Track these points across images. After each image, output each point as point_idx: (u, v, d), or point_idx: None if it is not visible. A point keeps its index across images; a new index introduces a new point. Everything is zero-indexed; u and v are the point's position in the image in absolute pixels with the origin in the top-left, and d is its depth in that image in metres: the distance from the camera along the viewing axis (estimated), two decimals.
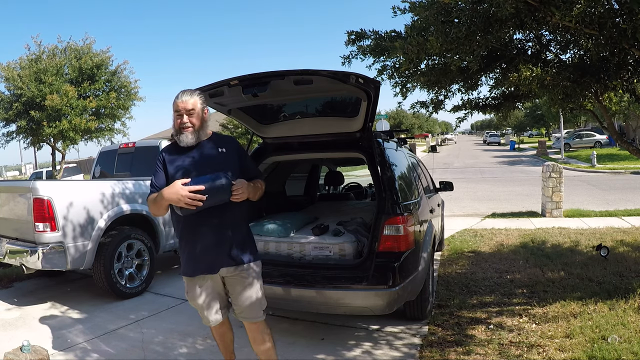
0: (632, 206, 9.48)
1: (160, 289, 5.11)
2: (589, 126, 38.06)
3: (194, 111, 2.43)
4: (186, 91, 2.47)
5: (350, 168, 11.56)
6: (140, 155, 6.12)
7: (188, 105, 2.43)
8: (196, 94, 2.48)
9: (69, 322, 4.16)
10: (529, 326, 3.56)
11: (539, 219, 8.53)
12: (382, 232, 3.21)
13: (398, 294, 3.13)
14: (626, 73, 3.73)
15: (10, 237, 4.69)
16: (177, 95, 2.47)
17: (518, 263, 5.41)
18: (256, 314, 2.55)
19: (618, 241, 6.24)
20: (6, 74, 15.02)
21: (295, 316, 3.98)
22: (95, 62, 15.86)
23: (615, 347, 3.02)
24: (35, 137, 16.69)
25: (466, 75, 3.96)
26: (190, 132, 2.44)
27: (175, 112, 2.44)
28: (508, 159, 28.13)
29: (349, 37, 4.10)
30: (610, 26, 3.05)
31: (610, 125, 4.53)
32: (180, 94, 2.46)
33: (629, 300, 3.87)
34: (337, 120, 3.69)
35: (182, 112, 2.41)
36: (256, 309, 2.55)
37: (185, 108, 2.42)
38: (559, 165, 8.89)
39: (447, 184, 5.96)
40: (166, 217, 5.39)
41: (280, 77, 2.98)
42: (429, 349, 3.27)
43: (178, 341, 3.63)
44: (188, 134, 2.43)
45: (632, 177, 16.25)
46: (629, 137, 27.31)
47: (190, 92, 2.47)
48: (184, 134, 2.43)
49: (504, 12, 2.97)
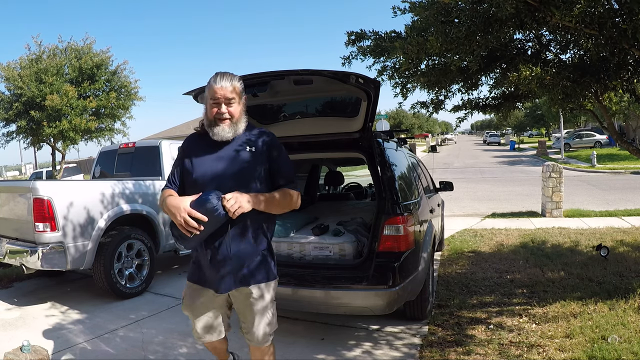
0: (632, 206, 9.48)
1: (160, 289, 5.11)
2: (589, 126, 38.06)
3: (235, 100, 2.06)
4: (225, 75, 2.07)
5: (350, 168, 11.57)
6: (140, 155, 6.11)
7: (228, 92, 2.03)
8: (236, 79, 2.09)
9: (69, 322, 4.16)
10: (529, 326, 3.56)
11: (539, 219, 8.53)
12: (382, 232, 3.21)
13: (398, 294, 3.13)
14: (626, 73, 3.73)
15: (10, 237, 4.69)
16: (213, 78, 2.07)
17: (518, 263, 5.41)
18: (264, 340, 2.22)
19: (618, 241, 6.24)
20: (6, 73, 15.03)
21: (295, 316, 3.98)
22: (96, 62, 15.87)
23: (615, 347, 3.01)
24: (35, 137, 16.69)
25: (466, 75, 3.96)
26: (228, 125, 2.06)
27: (212, 100, 2.05)
28: (508, 159, 28.13)
29: (349, 38, 4.10)
30: (610, 26, 3.05)
31: (610, 125, 4.53)
32: (218, 78, 2.05)
33: (629, 300, 3.87)
34: (337, 120, 3.69)
35: (220, 101, 2.03)
36: (265, 336, 2.21)
37: (225, 96, 2.03)
38: (559, 165, 8.89)
39: (447, 184, 5.97)
40: (166, 217, 5.39)
41: (280, 77, 2.98)
42: (429, 349, 3.27)
43: (178, 341, 3.63)
44: (225, 126, 2.06)
45: (632, 177, 16.25)
46: (629, 137, 27.31)
47: (231, 77, 2.06)
48: (220, 126, 2.05)
49: (504, 12, 2.97)
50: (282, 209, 2.13)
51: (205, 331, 2.27)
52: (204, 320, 2.25)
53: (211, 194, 1.94)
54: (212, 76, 2.09)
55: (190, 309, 2.24)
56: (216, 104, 2.04)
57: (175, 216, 1.95)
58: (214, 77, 2.07)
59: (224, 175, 2.05)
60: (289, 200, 2.13)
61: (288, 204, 2.14)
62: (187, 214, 1.92)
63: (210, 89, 2.06)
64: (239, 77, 2.13)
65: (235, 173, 2.06)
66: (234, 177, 2.04)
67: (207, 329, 2.27)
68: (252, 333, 2.20)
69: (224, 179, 2.04)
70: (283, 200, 2.11)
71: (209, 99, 2.07)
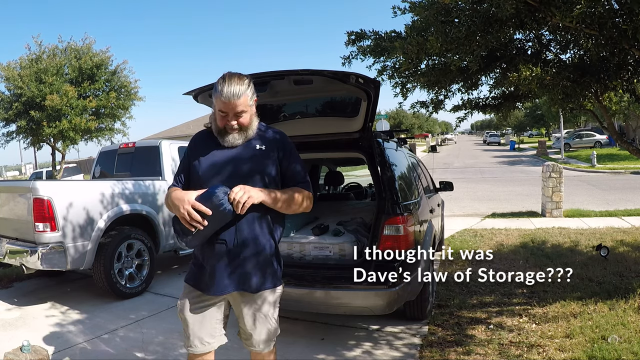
0: (632, 206, 9.47)
1: (160, 289, 5.11)
2: (589, 126, 38.05)
3: (245, 111, 1.93)
4: (233, 81, 1.88)
5: (350, 168, 11.56)
6: (140, 155, 6.11)
7: (237, 107, 1.90)
8: (246, 85, 1.90)
9: (69, 322, 4.16)
10: (529, 326, 3.56)
11: (539, 219, 8.53)
12: (382, 232, 3.21)
13: (398, 294, 3.14)
14: (626, 73, 3.73)
15: (10, 237, 4.69)
16: (220, 85, 1.89)
17: (518, 263, 5.41)
18: (265, 346, 2.11)
19: (618, 241, 6.24)
20: (6, 73, 15.03)
21: (295, 316, 3.98)
22: (95, 62, 15.86)
23: (615, 347, 3.01)
24: (35, 137, 16.69)
25: (466, 75, 3.96)
26: (238, 133, 1.97)
27: (220, 112, 1.92)
28: (508, 159, 28.12)
29: (348, 38, 4.10)
30: (610, 26, 3.05)
31: (610, 125, 4.53)
32: (225, 87, 1.87)
33: (629, 300, 3.87)
34: (337, 120, 3.69)
35: (229, 114, 1.91)
36: (268, 342, 2.11)
37: (235, 111, 1.91)
38: (559, 165, 8.89)
39: (447, 184, 5.96)
40: (166, 217, 5.39)
41: (280, 77, 2.98)
42: (429, 349, 3.27)
43: (178, 341, 3.63)
44: (235, 134, 1.97)
45: (632, 177, 16.25)
46: (629, 137, 27.30)
47: (239, 85, 1.88)
48: (231, 134, 1.97)
49: (504, 12, 2.97)
50: (293, 207, 2.01)
51: (200, 341, 2.07)
52: (200, 328, 2.07)
53: (218, 188, 1.86)
54: (220, 80, 1.92)
55: (187, 314, 2.06)
56: (224, 116, 1.93)
57: (179, 208, 1.86)
58: (221, 83, 1.89)
59: (233, 175, 1.96)
60: (301, 200, 2.03)
61: (300, 204, 2.02)
62: (192, 206, 1.84)
63: (218, 100, 1.91)
64: (249, 78, 1.96)
65: (246, 173, 1.97)
66: (244, 177, 1.96)
67: (203, 338, 2.07)
68: (253, 340, 2.09)
69: (234, 178, 1.94)
70: (295, 199, 2.00)
71: (217, 110, 1.94)
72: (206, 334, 2.07)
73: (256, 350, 2.12)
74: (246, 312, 2.06)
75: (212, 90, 1.96)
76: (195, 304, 2.05)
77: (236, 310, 2.11)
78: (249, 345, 2.14)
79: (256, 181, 1.98)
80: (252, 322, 2.07)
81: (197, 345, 2.07)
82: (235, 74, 1.93)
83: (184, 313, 2.07)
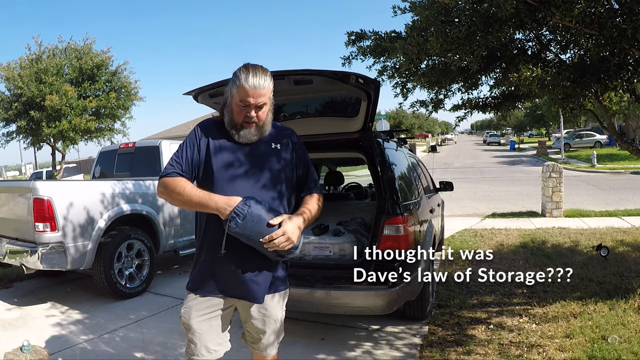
0: (632, 206, 9.47)
1: (160, 289, 5.11)
2: (589, 126, 38.04)
3: (266, 104, 1.83)
4: (258, 71, 1.78)
5: (350, 168, 11.56)
6: (140, 155, 6.12)
7: (262, 97, 1.79)
8: (269, 76, 1.82)
9: (69, 322, 4.16)
10: (529, 326, 3.56)
11: (539, 219, 8.53)
12: (382, 232, 3.21)
13: (398, 294, 3.14)
14: (626, 73, 3.73)
15: (10, 237, 4.68)
16: (244, 75, 1.77)
17: (518, 263, 5.41)
18: (271, 350, 2.09)
19: (618, 241, 6.24)
20: (6, 73, 15.01)
21: (295, 316, 3.98)
22: (96, 63, 15.85)
23: (615, 347, 3.02)
24: (35, 137, 16.68)
25: (466, 75, 3.96)
26: (255, 128, 1.86)
27: (241, 103, 1.80)
28: (508, 159, 28.12)
29: (349, 38, 4.10)
30: (610, 26, 3.05)
31: (610, 125, 4.53)
32: (250, 76, 1.76)
33: (629, 300, 3.87)
34: (337, 120, 3.69)
35: (252, 105, 1.79)
36: (274, 345, 2.09)
37: (257, 102, 1.79)
38: (559, 165, 8.89)
39: (447, 184, 5.96)
40: (166, 217, 5.39)
41: (280, 77, 2.98)
42: (429, 349, 3.27)
43: (178, 341, 3.63)
44: (252, 129, 1.85)
45: (632, 177, 16.25)
46: (629, 137, 27.31)
47: (264, 75, 1.79)
48: (247, 129, 1.85)
49: (504, 12, 2.97)
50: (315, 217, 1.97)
51: (207, 349, 1.98)
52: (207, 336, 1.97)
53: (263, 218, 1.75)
54: (242, 69, 1.80)
55: (193, 323, 1.96)
56: (246, 107, 1.80)
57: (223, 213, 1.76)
58: (244, 72, 1.78)
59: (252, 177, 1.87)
60: (320, 206, 1.98)
61: (318, 211, 1.97)
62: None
63: (240, 89, 1.78)
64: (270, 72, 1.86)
65: (263, 175, 1.89)
66: (261, 179, 1.88)
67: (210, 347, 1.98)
68: (261, 344, 2.06)
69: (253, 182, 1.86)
70: (317, 210, 1.96)
71: (237, 100, 1.81)
72: (213, 342, 1.98)
73: (264, 353, 2.09)
74: (255, 316, 2.01)
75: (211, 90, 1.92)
76: (202, 310, 1.96)
77: (244, 315, 2.04)
78: (255, 349, 2.10)
79: (274, 184, 1.92)
80: (262, 326, 2.02)
81: (204, 354, 1.98)
82: (258, 65, 1.83)
83: (190, 322, 1.96)
